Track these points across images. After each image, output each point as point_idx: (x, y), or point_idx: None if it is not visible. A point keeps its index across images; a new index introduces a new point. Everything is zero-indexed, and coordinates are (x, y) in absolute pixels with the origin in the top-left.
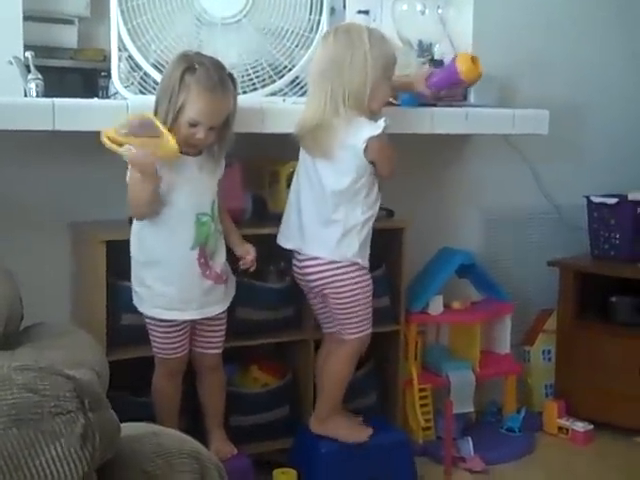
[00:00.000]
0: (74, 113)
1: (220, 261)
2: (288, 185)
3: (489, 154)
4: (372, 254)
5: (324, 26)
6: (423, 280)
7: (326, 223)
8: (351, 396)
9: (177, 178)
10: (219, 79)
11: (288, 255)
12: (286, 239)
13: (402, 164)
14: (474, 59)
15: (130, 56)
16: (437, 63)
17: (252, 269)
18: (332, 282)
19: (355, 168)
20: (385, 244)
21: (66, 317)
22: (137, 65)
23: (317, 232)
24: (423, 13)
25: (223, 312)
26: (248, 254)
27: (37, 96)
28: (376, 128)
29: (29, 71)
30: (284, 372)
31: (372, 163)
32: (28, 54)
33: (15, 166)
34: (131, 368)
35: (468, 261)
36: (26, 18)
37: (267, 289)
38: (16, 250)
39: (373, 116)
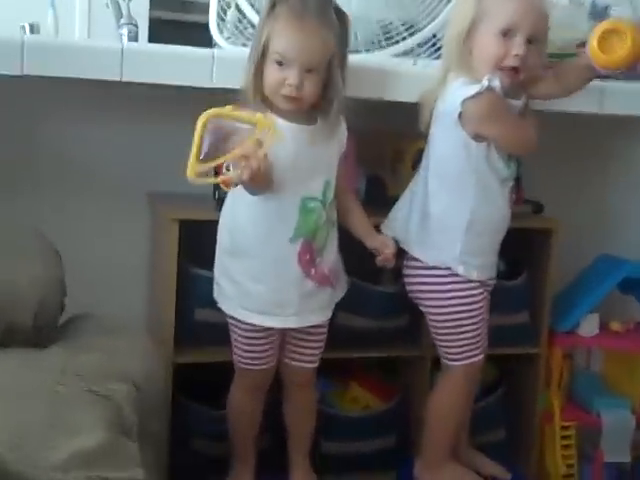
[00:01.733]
0: (166, 62)
1: (330, 258)
2: (414, 166)
3: None
4: (511, 258)
5: None
6: (574, 293)
7: (423, 215)
8: (475, 430)
9: (278, 151)
10: (317, 7)
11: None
12: (391, 227)
13: (556, 149)
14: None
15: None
16: None
17: (390, 266)
18: (426, 292)
19: (452, 144)
20: (528, 247)
21: (141, 306)
22: (241, 12)
23: (415, 225)
24: None
25: (326, 320)
26: (387, 247)
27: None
28: (472, 88)
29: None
30: (392, 393)
31: (480, 138)
32: None
33: (83, 123)
34: (208, 372)
35: (635, 274)
36: None
37: (377, 293)
38: (87, 224)
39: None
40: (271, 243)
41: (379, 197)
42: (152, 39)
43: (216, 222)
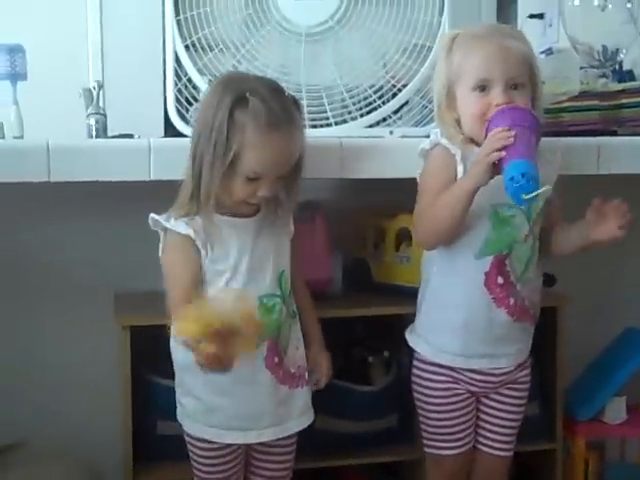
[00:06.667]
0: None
1: (297, 355)
2: (397, 247)
3: None
4: None
5: (444, 29)
6: (596, 375)
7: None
8: None
9: (226, 250)
10: (283, 109)
11: (397, 340)
12: None
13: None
14: None
15: (190, 80)
16: (624, 75)
17: (321, 385)
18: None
19: None
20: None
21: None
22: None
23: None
24: (603, 9)
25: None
26: (313, 371)
27: (97, 133)
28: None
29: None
30: None
31: None
32: (94, 84)
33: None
34: None
35: None
36: None
37: (358, 393)
38: (53, 329)
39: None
40: None
41: (363, 283)
42: None
43: None
